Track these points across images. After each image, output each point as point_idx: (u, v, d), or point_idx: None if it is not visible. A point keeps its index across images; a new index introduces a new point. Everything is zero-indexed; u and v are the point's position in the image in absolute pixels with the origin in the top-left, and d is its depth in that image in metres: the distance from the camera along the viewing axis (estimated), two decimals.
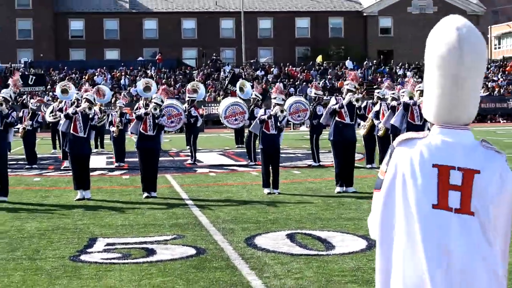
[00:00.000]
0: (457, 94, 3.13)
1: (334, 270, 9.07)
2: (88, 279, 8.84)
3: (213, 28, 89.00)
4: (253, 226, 12.54)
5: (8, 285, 8.62)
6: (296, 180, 19.43)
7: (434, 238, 3.02)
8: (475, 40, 3.16)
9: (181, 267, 9.47)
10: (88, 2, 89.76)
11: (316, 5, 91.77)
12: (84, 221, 13.40)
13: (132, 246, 10.98)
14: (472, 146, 3.11)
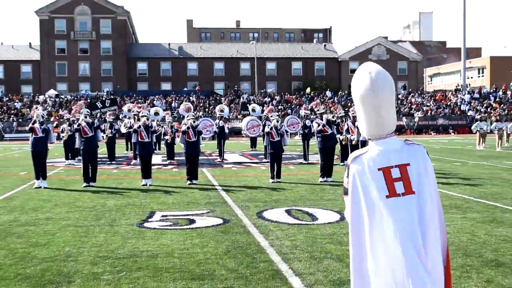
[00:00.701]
0: (377, 117, 3.39)
1: (317, 235, 9.14)
2: (149, 239, 8.96)
3: (235, 68, 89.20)
4: (262, 204, 12.62)
5: (95, 243, 8.71)
6: (292, 173, 19.47)
7: (393, 215, 3.22)
8: (382, 81, 3.39)
9: (213, 231, 9.56)
10: (150, 50, 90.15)
11: (306, 53, 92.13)
12: (146, 200, 13.50)
13: (179, 217, 11.08)
14: (399, 147, 3.38)
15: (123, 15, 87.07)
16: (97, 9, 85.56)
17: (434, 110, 68.42)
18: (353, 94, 3.48)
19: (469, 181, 16.60)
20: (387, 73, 3.39)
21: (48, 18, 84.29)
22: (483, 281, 6.52)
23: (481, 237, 8.92)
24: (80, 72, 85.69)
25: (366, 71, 3.38)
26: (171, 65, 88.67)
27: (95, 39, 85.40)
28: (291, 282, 6.53)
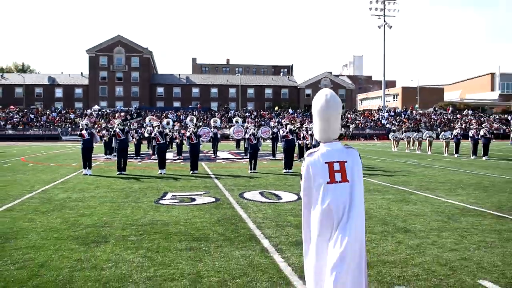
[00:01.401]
0: (328, 127, 3.64)
1: (281, 210, 9.11)
2: (163, 212, 8.89)
3: (225, 93, 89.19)
4: (243, 187, 12.54)
5: (124, 214, 8.64)
6: (264, 166, 19.41)
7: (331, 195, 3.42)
8: (333, 102, 3.60)
9: (208, 207, 9.50)
10: (166, 79, 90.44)
11: (275, 83, 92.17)
12: (161, 184, 13.38)
13: (184, 196, 10.98)
14: (340, 149, 3.57)
15: (147, 53, 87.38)
16: (129, 49, 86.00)
17: (363, 123, 68.88)
18: (313, 109, 3.66)
19: (386, 173, 16.71)
20: (337, 97, 3.66)
21: (94, 55, 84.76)
22: (395, 242, 6.54)
23: (395, 211, 8.96)
24: (116, 94, 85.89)
25: (323, 94, 3.62)
26: (180, 89, 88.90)
27: (127, 70, 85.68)
28: (262, 243, 6.53)
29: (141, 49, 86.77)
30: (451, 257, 5.85)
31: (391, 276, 5.11)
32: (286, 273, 5.20)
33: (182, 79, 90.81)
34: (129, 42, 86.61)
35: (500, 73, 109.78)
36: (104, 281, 4.95)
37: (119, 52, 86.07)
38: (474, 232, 7.21)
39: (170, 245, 6.39)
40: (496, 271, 5.31)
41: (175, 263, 5.56)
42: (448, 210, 9.21)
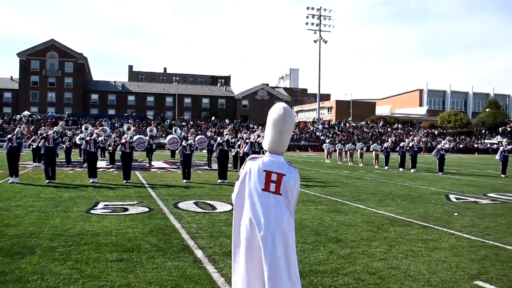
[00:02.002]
0: (279, 139, 3.57)
1: (216, 220, 9.05)
2: (94, 222, 8.59)
3: (162, 101, 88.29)
4: (177, 197, 12.36)
5: (52, 224, 8.32)
6: (199, 176, 19.30)
7: (263, 205, 3.40)
8: (290, 116, 3.64)
9: (141, 217, 9.29)
10: (101, 85, 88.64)
11: (212, 93, 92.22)
12: (93, 193, 12.97)
13: (117, 206, 10.68)
14: (282, 163, 3.58)
15: (82, 59, 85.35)
16: (63, 54, 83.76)
17: (298, 135, 69.96)
18: (268, 120, 3.65)
19: (320, 183, 16.99)
20: (292, 112, 3.67)
21: (26, 59, 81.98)
22: (327, 252, 6.63)
23: (327, 222, 9.10)
24: (48, 99, 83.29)
25: (281, 106, 3.63)
26: (115, 97, 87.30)
27: (60, 75, 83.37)
28: (196, 253, 6.45)
29: (76, 55, 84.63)
30: (380, 266, 5.99)
31: (323, 285, 5.17)
32: (218, 284, 5.16)
33: (117, 86, 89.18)
34: (62, 47, 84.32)
35: (427, 89, 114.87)
36: None
37: (52, 56, 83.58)
38: (402, 242, 7.43)
39: (100, 256, 6.20)
40: (422, 279, 5.49)
41: (105, 275, 5.39)
42: (378, 220, 9.45)
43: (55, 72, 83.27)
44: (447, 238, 7.82)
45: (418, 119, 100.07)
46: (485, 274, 5.73)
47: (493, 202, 12.82)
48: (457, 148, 69.42)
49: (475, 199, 13.42)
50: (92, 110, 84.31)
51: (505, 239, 7.86)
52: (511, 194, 14.78)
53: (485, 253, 6.80)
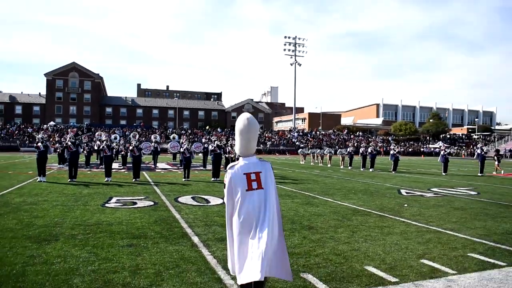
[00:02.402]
0: (247, 144, 3.56)
1: (210, 212, 9.02)
2: (108, 214, 8.52)
3: (165, 113, 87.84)
4: (177, 193, 12.28)
5: (73, 216, 8.22)
6: (196, 175, 19.20)
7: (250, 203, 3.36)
8: (253, 124, 3.61)
9: (147, 209, 9.22)
10: (114, 100, 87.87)
11: (206, 106, 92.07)
12: (107, 190, 12.83)
13: (127, 200, 10.59)
14: (256, 162, 3.54)
15: (98, 78, 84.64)
16: (82, 74, 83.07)
17: (278, 141, 69.98)
18: (236, 129, 3.63)
19: (295, 181, 17.01)
20: (256, 120, 3.65)
21: (51, 78, 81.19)
22: (301, 237, 6.64)
23: (301, 212, 9.12)
24: (70, 112, 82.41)
25: (245, 117, 3.60)
26: (126, 110, 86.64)
27: (80, 92, 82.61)
28: (193, 239, 6.42)
29: (93, 75, 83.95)
30: (344, 248, 6.02)
31: (298, 265, 5.18)
32: (212, 264, 5.14)
33: (128, 101, 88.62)
34: (82, 68, 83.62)
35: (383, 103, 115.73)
36: (53, 274, 4.67)
37: (74, 76, 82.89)
38: (362, 228, 7.47)
39: (113, 242, 6.14)
40: (378, 258, 5.52)
41: (117, 258, 5.35)
42: (343, 211, 9.49)
43: (76, 89, 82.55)
44: (398, 225, 7.87)
45: (376, 128, 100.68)
46: (429, 254, 5.79)
47: (436, 195, 12.94)
48: (407, 152, 69.96)
49: (421, 193, 13.53)
50: (107, 121, 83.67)
51: (445, 225, 7.93)
52: (450, 189, 14.93)
53: (429, 237, 6.86)
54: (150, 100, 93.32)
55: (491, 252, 5.94)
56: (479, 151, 24.57)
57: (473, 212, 9.66)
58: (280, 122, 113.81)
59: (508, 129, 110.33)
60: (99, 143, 23.16)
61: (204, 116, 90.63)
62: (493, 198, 12.36)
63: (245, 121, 3.59)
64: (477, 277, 4.84)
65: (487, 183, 18.02)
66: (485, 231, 7.44)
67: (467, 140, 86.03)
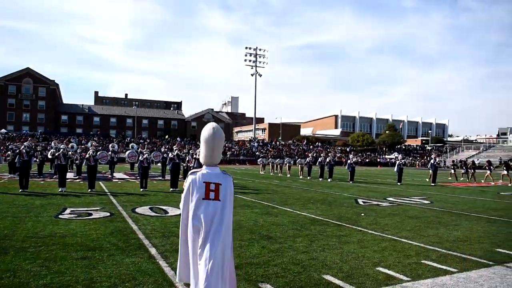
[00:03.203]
0: (212, 153, 3.53)
1: (168, 222, 8.85)
2: (62, 225, 8.21)
3: (123, 122, 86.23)
4: (135, 203, 12.01)
5: (24, 228, 7.87)
6: (154, 185, 18.89)
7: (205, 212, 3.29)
8: (219, 134, 3.60)
9: (103, 220, 8.96)
10: (70, 108, 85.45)
11: (166, 115, 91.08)
12: (61, 200, 12.40)
13: (82, 211, 10.25)
14: (218, 173, 3.51)
15: (54, 85, 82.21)
16: (37, 81, 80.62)
17: (238, 151, 70.00)
18: (201, 139, 3.62)
19: (255, 191, 17.04)
20: (222, 131, 3.67)
21: (3, 84, 78.27)
22: (260, 247, 6.64)
23: (260, 222, 9.12)
24: (23, 119, 79.55)
25: (211, 126, 3.62)
26: (83, 118, 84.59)
27: (34, 99, 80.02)
28: (150, 251, 6.29)
29: (48, 81, 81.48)
30: (302, 257, 6.06)
31: (256, 275, 5.17)
32: (169, 276, 5.05)
33: (85, 109, 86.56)
34: (37, 74, 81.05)
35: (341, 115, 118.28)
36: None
37: (28, 82, 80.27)
38: (320, 237, 7.56)
39: (67, 255, 5.93)
40: (336, 267, 5.60)
41: (71, 271, 5.16)
42: (302, 220, 9.57)
43: (29, 95, 79.98)
44: (355, 234, 8.02)
45: (334, 139, 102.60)
46: (385, 262, 5.92)
47: (391, 204, 13.28)
48: (364, 162, 71.61)
49: (377, 202, 13.85)
50: (62, 129, 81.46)
51: (400, 233, 8.15)
52: (405, 198, 15.37)
53: (385, 245, 7.02)
54: (108, 108, 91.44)
55: (443, 259, 6.14)
56: (432, 161, 25.48)
57: (426, 220, 9.98)
58: (241, 132, 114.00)
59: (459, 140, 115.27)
60: (53, 151, 22.41)
61: (163, 125, 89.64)
62: (445, 207, 12.83)
63: (211, 131, 3.59)
64: (430, 284, 4.99)
65: (439, 192, 18.68)
66: (437, 238, 7.70)
67: (421, 151, 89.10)
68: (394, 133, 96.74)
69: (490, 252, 6.65)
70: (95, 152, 16.93)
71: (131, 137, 74.74)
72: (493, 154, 69.00)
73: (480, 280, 5.16)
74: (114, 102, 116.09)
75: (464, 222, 9.78)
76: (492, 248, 6.98)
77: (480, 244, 7.25)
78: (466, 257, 6.29)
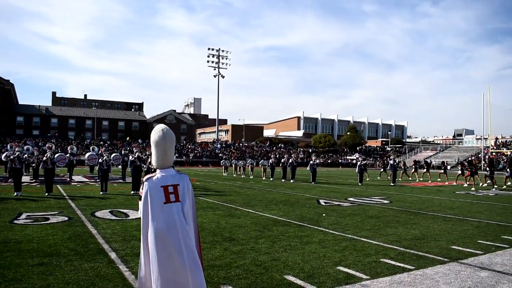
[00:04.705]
0: (164, 155, 3.56)
1: (129, 226, 8.71)
2: (17, 231, 7.93)
3: (82, 123, 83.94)
4: (94, 207, 11.74)
5: None
6: (114, 188, 18.51)
7: (166, 214, 3.29)
8: (169, 135, 3.59)
9: (61, 225, 8.71)
10: (27, 109, 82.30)
11: (127, 117, 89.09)
12: (17, 205, 11.95)
13: (38, 216, 9.94)
14: (174, 174, 3.54)
15: (8, 85, 78.91)
16: None
17: (201, 152, 69.56)
18: (152, 141, 3.57)
19: (218, 193, 17.00)
20: (171, 132, 3.62)
21: None
22: (222, 249, 6.64)
23: (223, 224, 9.12)
24: None
25: (161, 128, 3.57)
26: (40, 119, 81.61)
27: None
28: (110, 255, 6.17)
29: (3, 81, 78.01)
30: (264, 258, 6.10)
31: (218, 277, 5.17)
32: (130, 281, 4.97)
33: (42, 110, 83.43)
34: None
35: (304, 116, 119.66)
36: None
37: None
38: (283, 238, 7.63)
39: (22, 262, 5.73)
40: (297, 267, 5.66)
41: (26, 278, 5.00)
42: (264, 221, 9.63)
43: None
44: (317, 234, 8.14)
45: (297, 140, 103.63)
46: (345, 261, 6.04)
47: (352, 204, 13.56)
48: (326, 163, 72.71)
49: (339, 202, 14.11)
50: (17, 130, 78.16)
51: (360, 233, 8.34)
52: (365, 198, 15.73)
53: (345, 245, 7.16)
54: (66, 109, 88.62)
55: (401, 257, 6.33)
56: (391, 162, 26.17)
57: (385, 220, 10.25)
58: (203, 134, 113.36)
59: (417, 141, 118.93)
60: (8, 153, 21.60)
61: (124, 127, 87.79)
62: (403, 206, 13.22)
63: (160, 132, 3.54)
64: (388, 281, 5.13)
65: (398, 192, 19.22)
66: (396, 237, 7.93)
67: (381, 151, 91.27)
68: (355, 134, 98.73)
69: (446, 250, 6.91)
70: (53, 155, 16.45)
71: (90, 139, 72.85)
72: (449, 155, 71.54)
73: (436, 277, 5.35)
74: (72, 103, 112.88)
75: (422, 221, 10.11)
76: (447, 245, 7.25)
77: (436, 242, 7.52)
78: (423, 255, 6.51)
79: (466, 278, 5.30)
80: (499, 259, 6.31)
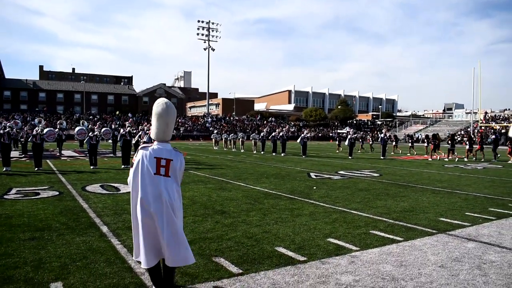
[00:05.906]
0: (165, 129, 3.55)
1: (120, 200, 8.73)
2: (7, 206, 7.91)
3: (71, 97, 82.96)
4: (85, 181, 11.73)
5: None
6: (105, 162, 18.48)
7: (154, 187, 3.30)
8: (172, 110, 3.63)
9: (51, 200, 8.70)
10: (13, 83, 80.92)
11: (116, 90, 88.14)
12: (6, 180, 11.91)
13: (29, 191, 9.91)
14: (170, 150, 3.55)
15: None
16: None
17: (191, 126, 69.41)
18: (153, 113, 3.62)
19: (209, 167, 17.03)
20: (174, 106, 3.67)
21: None
22: (214, 222, 6.69)
23: (214, 197, 9.17)
24: None
25: (163, 101, 3.62)
26: (27, 94, 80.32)
27: None
28: (101, 229, 6.19)
29: None
30: (256, 231, 6.17)
31: (210, 249, 5.22)
32: (122, 254, 5.00)
33: (29, 84, 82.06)
34: None
35: (295, 90, 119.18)
36: None
37: None
38: (273, 211, 7.70)
39: (14, 236, 5.73)
40: (288, 239, 5.74)
41: (18, 252, 5.00)
42: (255, 195, 9.69)
43: None
44: (307, 207, 8.22)
45: (288, 114, 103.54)
46: (335, 233, 6.13)
47: (342, 177, 13.68)
48: (317, 136, 72.96)
49: (329, 175, 14.23)
50: (5, 105, 77.05)
51: (350, 205, 8.44)
52: (355, 171, 15.86)
53: (336, 217, 7.25)
54: (54, 83, 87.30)
55: (390, 229, 6.43)
56: (382, 135, 26.33)
57: (375, 192, 10.37)
58: (194, 108, 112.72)
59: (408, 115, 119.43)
60: None
61: (113, 101, 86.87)
62: (393, 179, 13.36)
63: (164, 105, 3.61)
64: (377, 252, 5.22)
65: (388, 165, 19.41)
66: (385, 209, 8.04)
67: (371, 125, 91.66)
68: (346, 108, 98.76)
69: (434, 221, 7.03)
70: (43, 130, 16.30)
71: (80, 114, 72.22)
72: (439, 128, 72.07)
73: (424, 248, 5.46)
74: (60, 77, 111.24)
75: (411, 194, 10.25)
76: (436, 217, 7.37)
77: (425, 214, 7.64)
78: (412, 227, 6.62)
79: (454, 249, 5.41)
80: (486, 231, 6.44)
